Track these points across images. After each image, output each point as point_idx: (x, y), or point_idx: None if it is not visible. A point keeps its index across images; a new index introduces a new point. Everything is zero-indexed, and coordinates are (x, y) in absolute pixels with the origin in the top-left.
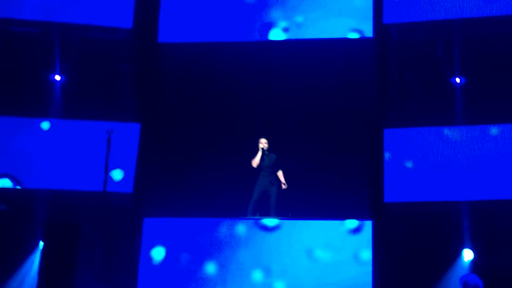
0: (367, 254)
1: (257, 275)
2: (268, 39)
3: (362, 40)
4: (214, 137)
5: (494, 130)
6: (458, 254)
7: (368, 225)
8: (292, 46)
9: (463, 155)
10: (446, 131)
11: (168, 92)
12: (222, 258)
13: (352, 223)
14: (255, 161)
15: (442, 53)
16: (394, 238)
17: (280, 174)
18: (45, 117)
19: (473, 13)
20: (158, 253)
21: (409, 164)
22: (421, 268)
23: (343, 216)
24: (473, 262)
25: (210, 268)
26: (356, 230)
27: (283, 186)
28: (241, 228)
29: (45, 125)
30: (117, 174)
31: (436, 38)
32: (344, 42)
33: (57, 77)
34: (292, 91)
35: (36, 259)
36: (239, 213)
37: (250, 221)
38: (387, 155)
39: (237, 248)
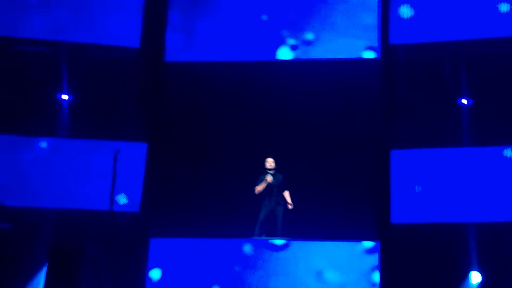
0: (376, 276)
1: None
2: (275, 59)
3: (369, 60)
4: (221, 156)
5: (507, 152)
6: (465, 276)
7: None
8: (299, 67)
9: (470, 176)
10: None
11: (176, 112)
12: (229, 279)
13: (364, 244)
14: (258, 190)
15: (449, 74)
16: (401, 259)
17: (286, 194)
18: (52, 136)
19: (480, 34)
20: (162, 275)
21: (416, 185)
22: None
23: (350, 238)
24: (481, 285)
25: None
26: (366, 252)
27: (289, 207)
28: (248, 248)
29: (43, 144)
30: (121, 199)
31: (442, 58)
32: (351, 62)
33: (65, 96)
34: (299, 112)
35: (41, 279)
36: (246, 234)
37: (257, 241)
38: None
39: (244, 269)
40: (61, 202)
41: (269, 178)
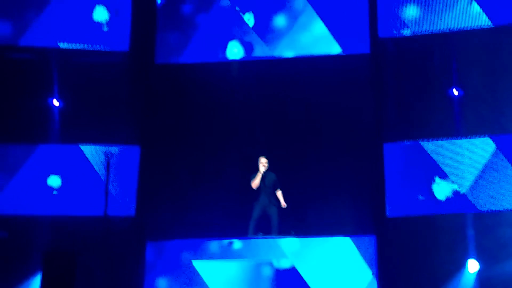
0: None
1: None
2: (266, 57)
3: (359, 55)
4: (214, 156)
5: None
6: (463, 265)
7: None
8: (289, 63)
9: (464, 166)
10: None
11: (167, 113)
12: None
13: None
14: (255, 183)
15: (439, 65)
16: (398, 252)
17: (279, 194)
18: (44, 142)
19: (469, 24)
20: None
21: (410, 177)
22: (426, 281)
23: (346, 232)
24: (479, 273)
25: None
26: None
27: (283, 206)
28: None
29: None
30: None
31: (432, 50)
32: (341, 57)
33: (55, 102)
34: (290, 109)
35: (35, 286)
36: (241, 233)
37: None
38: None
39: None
40: (55, 209)
41: (262, 169)
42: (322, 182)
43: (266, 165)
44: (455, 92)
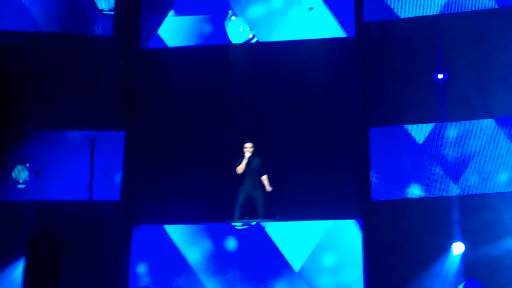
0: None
1: None
2: (250, 41)
3: (344, 39)
4: (199, 141)
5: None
6: (448, 248)
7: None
8: (275, 48)
9: (449, 150)
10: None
11: (152, 99)
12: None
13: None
14: (240, 168)
15: (423, 49)
16: (383, 235)
17: (264, 178)
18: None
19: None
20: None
21: (395, 162)
22: (412, 263)
23: (332, 216)
24: (464, 255)
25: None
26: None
27: (268, 189)
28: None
29: None
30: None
31: (416, 34)
32: (326, 41)
33: None
34: (276, 93)
35: (18, 272)
36: (226, 217)
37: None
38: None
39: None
40: (40, 194)
41: (247, 154)
42: (308, 167)
43: (251, 149)
44: (440, 76)
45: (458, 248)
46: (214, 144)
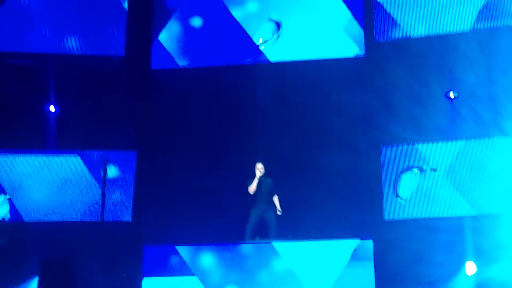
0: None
1: None
2: (260, 61)
3: (355, 58)
4: (211, 162)
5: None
6: (460, 268)
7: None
8: (285, 67)
9: (461, 169)
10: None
11: (164, 119)
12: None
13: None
14: (252, 188)
15: (435, 68)
16: (395, 255)
17: (275, 199)
18: (41, 148)
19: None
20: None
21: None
22: (424, 284)
23: (343, 236)
24: (476, 275)
25: None
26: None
27: (278, 212)
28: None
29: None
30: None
31: (428, 53)
32: (336, 61)
33: (52, 108)
34: (287, 113)
35: None
36: (238, 238)
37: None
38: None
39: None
40: (52, 215)
41: (258, 173)
42: (319, 186)
43: (262, 170)
44: (452, 95)
45: (471, 268)
46: (227, 165)
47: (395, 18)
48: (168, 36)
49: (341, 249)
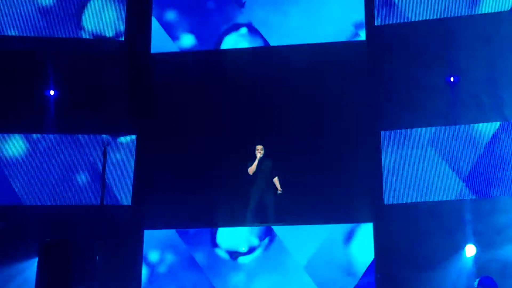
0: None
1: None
2: (261, 46)
3: (355, 42)
4: (211, 145)
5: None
6: (460, 250)
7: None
8: (286, 51)
9: (461, 154)
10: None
11: (163, 102)
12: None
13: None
14: (252, 169)
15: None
16: (395, 239)
17: (276, 180)
18: (40, 132)
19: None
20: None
21: (407, 164)
22: (424, 268)
23: (342, 220)
24: (476, 257)
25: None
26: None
27: (279, 192)
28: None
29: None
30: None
31: (428, 37)
32: (338, 45)
33: (51, 92)
34: (287, 97)
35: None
36: (238, 222)
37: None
38: None
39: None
40: (52, 198)
41: (258, 155)
42: (318, 170)
43: (262, 151)
44: (452, 79)
45: (470, 250)
46: (227, 147)
47: (395, 2)
48: (168, 19)
49: (341, 233)
